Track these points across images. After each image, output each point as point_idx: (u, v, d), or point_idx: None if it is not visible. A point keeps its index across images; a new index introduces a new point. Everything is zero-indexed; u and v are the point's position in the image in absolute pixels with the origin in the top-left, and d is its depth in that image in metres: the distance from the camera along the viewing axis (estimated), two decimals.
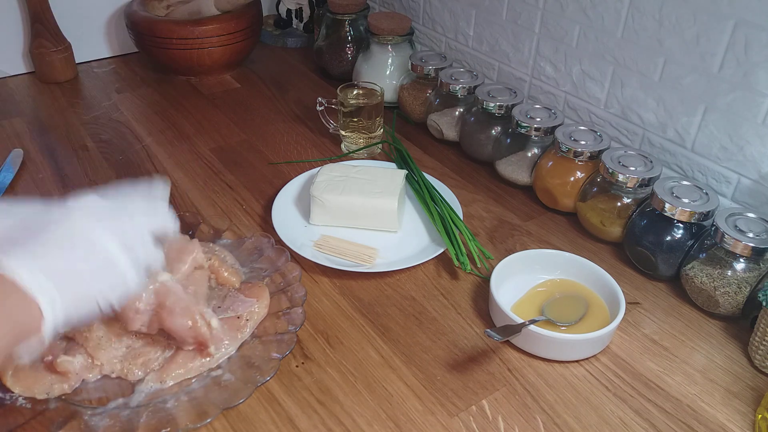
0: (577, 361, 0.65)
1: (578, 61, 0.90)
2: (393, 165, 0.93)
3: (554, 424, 0.58)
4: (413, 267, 0.76)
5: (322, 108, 1.00)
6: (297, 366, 0.63)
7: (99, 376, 0.60)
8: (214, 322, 0.60)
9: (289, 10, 1.38)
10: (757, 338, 0.64)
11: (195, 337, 0.59)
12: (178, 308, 0.58)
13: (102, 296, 0.50)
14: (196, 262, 0.63)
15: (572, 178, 0.82)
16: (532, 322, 0.63)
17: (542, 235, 0.83)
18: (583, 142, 0.82)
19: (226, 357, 0.62)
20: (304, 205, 0.84)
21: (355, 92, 0.97)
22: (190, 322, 0.58)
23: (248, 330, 0.64)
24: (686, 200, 0.71)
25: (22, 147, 0.97)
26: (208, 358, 0.61)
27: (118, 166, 0.94)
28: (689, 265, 0.70)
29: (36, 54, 1.16)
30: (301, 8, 1.36)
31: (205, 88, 1.18)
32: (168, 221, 0.57)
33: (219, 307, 0.64)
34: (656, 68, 0.81)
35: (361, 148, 0.97)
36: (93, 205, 0.52)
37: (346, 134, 0.97)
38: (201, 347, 0.60)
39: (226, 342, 0.61)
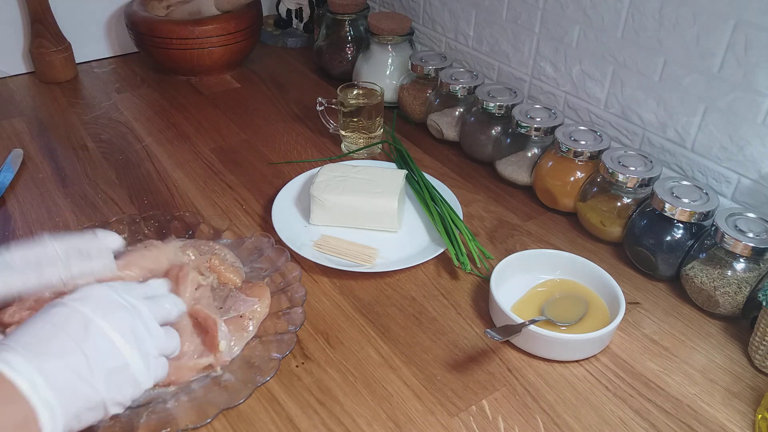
0: (577, 361, 0.65)
1: (578, 61, 0.90)
2: (393, 165, 0.93)
3: (554, 424, 0.58)
4: (413, 267, 0.76)
5: (322, 108, 1.00)
6: (297, 366, 0.63)
7: None
8: (223, 345, 0.60)
9: (289, 10, 1.38)
10: (757, 338, 0.64)
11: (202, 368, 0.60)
12: (173, 370, 0.58)
13: (112, 402, 0.48)
14: (194, 283, 0.64)
15: (572, 178, 0.82)
16: (532, 322, 0.63)
17: (542, 235, 0.83)
18: (583, 142, 0.82)
19: (230, 358, 0.62)
20: (304, 205, 0.84)
21: (355, 92, 0.97)
22: (192, 364, 0.59)
23: (252, 329, 0.64)
24: (686, 200, 0.71)
25: (22, 147, 0.97)
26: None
27: (118, 166, 0.94)
28: (689, 265, 0.70)
29: (36, 54, 1.16)
30: (301, 8, 1.36)
31: (205, 88, 1.18)
32: (172, 304, 0.56)
33: (221, 308, 0.64)
34: (656, 68, 0.81)
35: (361, 148, 0.97)
36: (98, 297, 0.49)
37: (346, 134, 0.97)
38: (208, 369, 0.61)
39: (227, 360, 0.61)
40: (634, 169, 0.76)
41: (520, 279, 0.72)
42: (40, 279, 0.55)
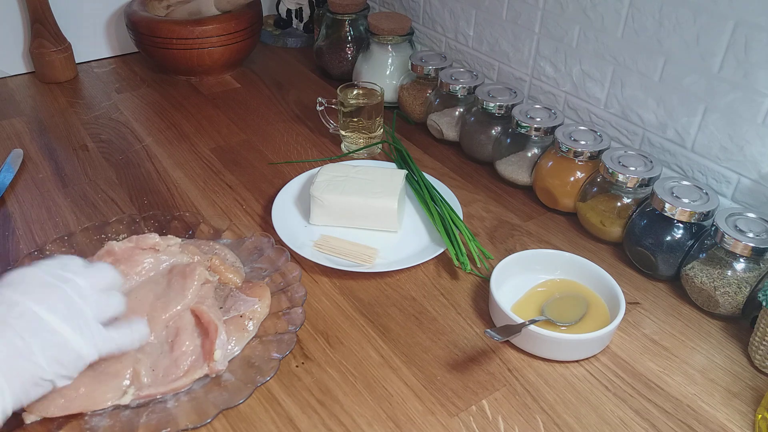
0: (577, 361, 0.65)
1: (578, 61, 0.90)
2: (393, 165, 0.93)
3: (554, 424, 0.58)
4: (413, 267, 0.76)
5: (322, 108, 1.00)
6: (297, 366, 0.63)
7: None
8: (218, 355, 0.60)
9: (289, 10, 1.38)
10: (757, 338, 0.64)
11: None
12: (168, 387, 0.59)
13: (57, 375, 0.50)
14: (202, 279, 0.64)
15: (572, 178, 0.82)
16: (532, 322, 0.63)
17: (542, 235, 0.83)
18: (583, 142, 0.82)
19: (230, 358, 0.62)
20: (304, 205, 0.84)
21: (355, 92, 0.97)
22: (185, 380, 0.59)
23: (252, 329, 0.64)
24: (686, 200, 0.71)
25: (22, 147, 0.97)
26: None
27: (118, 166, 0.94)
28: (689, 265, 0.70)
29: (36, 54, 1.16)
30: (301, 8, 1.36)
31: (205, 88, 1.18)
32: (109, 272, 0.57)
33: (221, 308, 0.64)
34: (656, 68, 0.81)
35: (361, 148, 0.97)
36: (27, 280, 0.51)
37: (346, 134, 0.97)
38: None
39: (221, 369, 0.61)
40: (634, 169, 0.76)
41: (520, 279, 0.72)
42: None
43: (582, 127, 0.85)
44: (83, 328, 0.51)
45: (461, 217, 0.81)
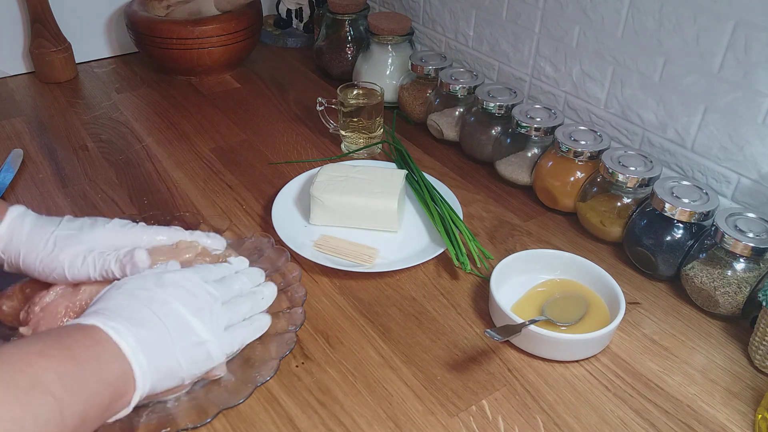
0: (577, 361, 0.65)
1: (578, 61, 0.90)
2: (393, 165, 0.93)
3: (554, 424, 0.58)
4: (413, 267, 0.76)
5: (322, 108, 1.00)
6: (297, 366, 0.63)
7: None
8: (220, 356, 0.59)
9: (289, 10, 1.38)
10: (757, 338, 0.64)
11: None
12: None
13: (189, 374, 0.53)
14: (196, 251, 0.64)
15: (572, 178, 0.82)
16: (532, 322, 0.63)
17: (542, 235, 0.83)
18: (583, 142, 0.82)
19: (231, 357, 0.62)
20: (304, 205, 0.84)
21: (355, 92, 0.97)
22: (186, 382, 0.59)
23: None
24: (686, 200, 0.71)
25: (22, 147, 0.97)
26: None
27: (118, 166, 0.94)
28: (689, 265, 0.70)
29: (36, 54, 1.16)
30: (301, 8, 1.36)
31: (205, 88, 1.18)
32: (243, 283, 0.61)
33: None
34: (656, 68, 0.81)
35: (361, 148, 0.97)
36: (176, 283, 0.55)
37: (346, 134, 0.97)
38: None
39: (219, 374, 0.60)
40: (634, 169, 0.76)
41: (520, 279, 0.72)
42: (171, 236, 0.64)
43: (582, 127, 0.85)
44: (218, 333, 0.55)
45: (461, 217, 0.81)
